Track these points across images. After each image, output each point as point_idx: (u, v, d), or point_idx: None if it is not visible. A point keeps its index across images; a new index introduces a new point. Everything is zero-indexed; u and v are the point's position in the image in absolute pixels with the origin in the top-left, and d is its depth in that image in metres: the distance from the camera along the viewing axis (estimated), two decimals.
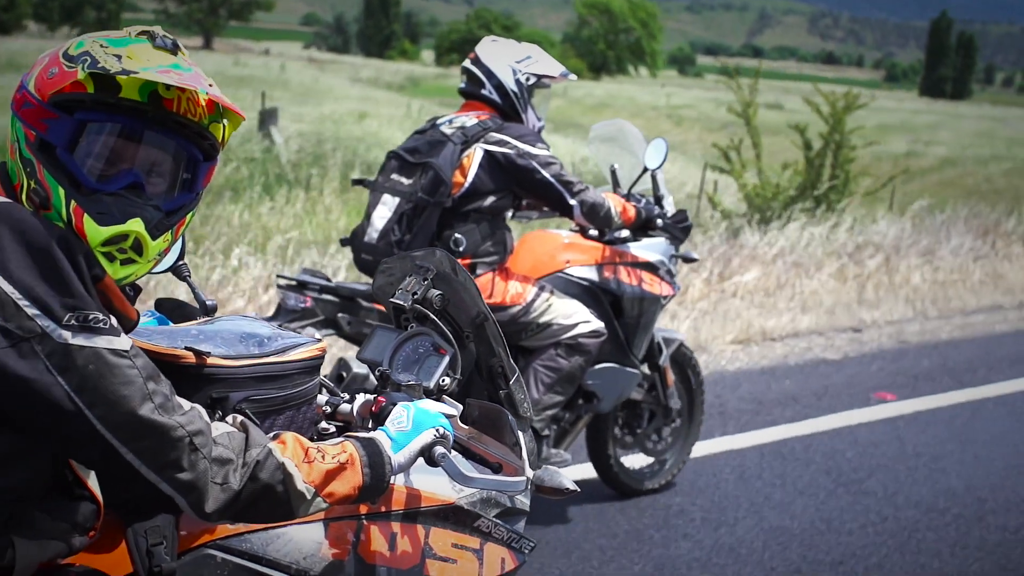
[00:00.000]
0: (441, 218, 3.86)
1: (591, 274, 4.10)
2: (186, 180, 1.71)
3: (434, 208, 3.82)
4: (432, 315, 2.07)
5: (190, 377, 1.76)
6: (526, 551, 2.11)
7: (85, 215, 1.62)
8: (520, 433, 1.93)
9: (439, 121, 4.00)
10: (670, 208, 4.27)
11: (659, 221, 4.14)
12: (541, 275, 4.03)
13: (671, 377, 4.47)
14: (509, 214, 4.04)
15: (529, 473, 1.90)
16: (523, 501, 2.15)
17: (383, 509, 1.94)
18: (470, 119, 3.94)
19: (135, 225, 1.64)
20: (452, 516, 2.01)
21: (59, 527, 1.63)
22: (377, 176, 4.00)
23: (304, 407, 1.91)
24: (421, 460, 1.85)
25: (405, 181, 3.86)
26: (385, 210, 3.87)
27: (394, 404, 1.89)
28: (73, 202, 1.62)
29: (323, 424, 2.01)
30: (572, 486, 2.04)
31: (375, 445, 1.76)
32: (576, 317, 3.92)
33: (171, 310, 2.19)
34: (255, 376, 1.83)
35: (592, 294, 4.08)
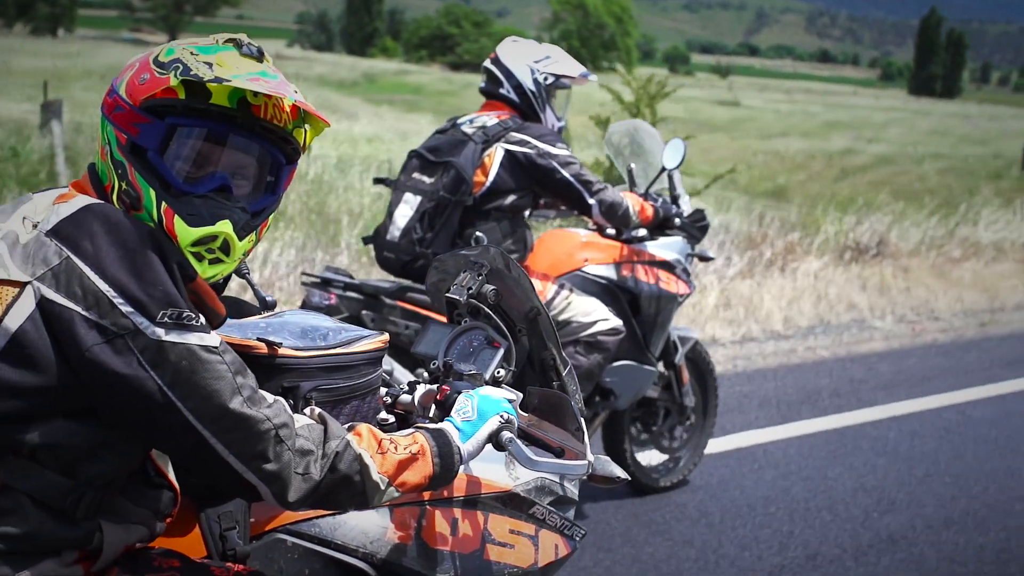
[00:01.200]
0: (463, 216, 3.96)
1: (609, 272, 4.22)
2: (270, 183, 1.80)
3: (456, 206, 3.94)
4: (486, 309, 2.15)
5: (262, 367, 1.84)
6: (577, 538, 2.21)
7: (176, 216, 1.70)
8: (582, 419, 2.03)
9: (460, 121, 4.11)
10: (687, 207, 4.38)
11: (677, 220, 4.26)
12: (560, 273, 4.15)
13: (686, 375, 4.61)
14: (527, 213, 4.17)
15: (591, 457, 1.97)
16: (572, 490, 2.24)
17: (445, 495, 2.03)
18: (491, 119, 4.05)
19: (224, 226, 1.73)
20: (509, 503, 2.10)
21: (140, 513, 1.72)
22: (399, 175, 4.12)
23: (368, 397, 2.00)
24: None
25: (427, 180, 3.98)
26: (407, 209, 3.99)
27: (459, 392, 1.97)
28: (164, 203, 1.70)
29: (382, 414, 2.09)
30: (623, 475, 2.10)
31: (444, 435, 1.83)
32: (595, 315, 4.04)
33: (229, 306, 2.31)
34: (323, 367, 1.92)
35: (610, 292, 4.20)
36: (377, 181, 4.37)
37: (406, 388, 2.16)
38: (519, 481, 2.12)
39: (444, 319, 3.84)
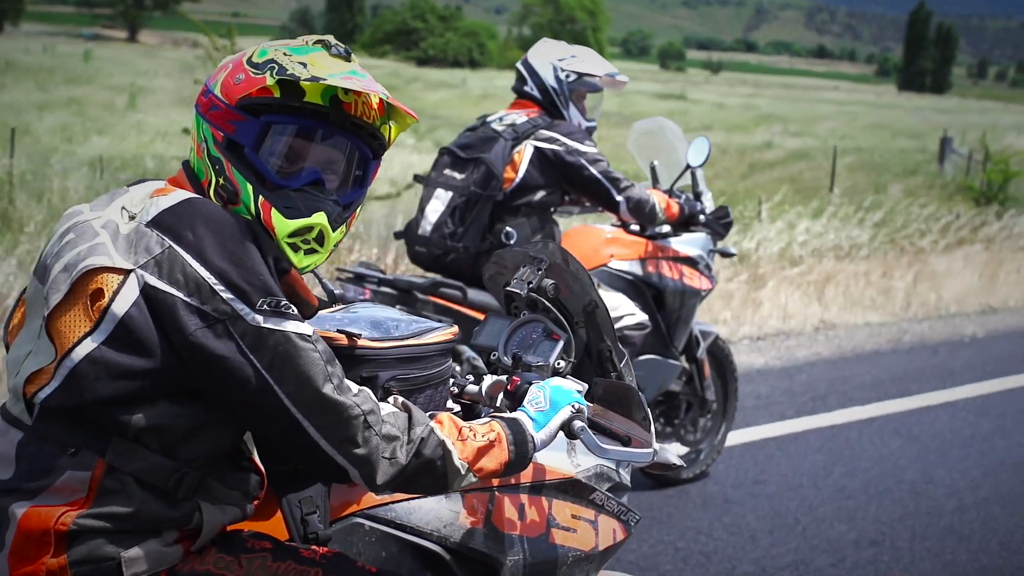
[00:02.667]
0: (493, 212, 4.07)
1: (634, 268, 4.33)
2: (358, 176, 1.90)
3: (486, 201, 4.05)
4: (545, 302, 2.24)
5: (343, 358, 1.92)
6: (632, 523, 2.30)
7: (272, 209, 1.80)
8: (648, 409, 2.11)
9: (489, 118, 4.22)
10: (709, 204, 4.49)
11: (701, 217, 4.37)
12: (586, 269, 4.25)
13: (708, 369, 4.73)
14: (554, 209, 4.30)
15: (656, 446, 2.04)
16: (626, 477, 2.34)
17: (512, 482, 2.11)
18: (520, 116, 4.16)
19: (319, 218, 1.83)
20: (571, 489, 2.19)
21: (233, 494, 1.81)
22: (430, 172, 4.23)
23: (440, 387, 2.10)
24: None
25: (458, 176, 4.11)
26: (439, 204, 4.11)
27: (529, 383, 2.06)
28: (261, 197, 1.80)
29: (449, 403, 2.17)
30: (679, 462, 2.21)
31: (518, 424, 1.92)
32: (621, 310, 4.15)
33: None
34: (399, 357, 2.02)
35: (635, 287, 4.31)
36: (417, 179, 4.50)
37: (472, 379, 2.24)
38: (580, 468, 2.22)
39: (477, 314, 4.00)
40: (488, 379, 2.21)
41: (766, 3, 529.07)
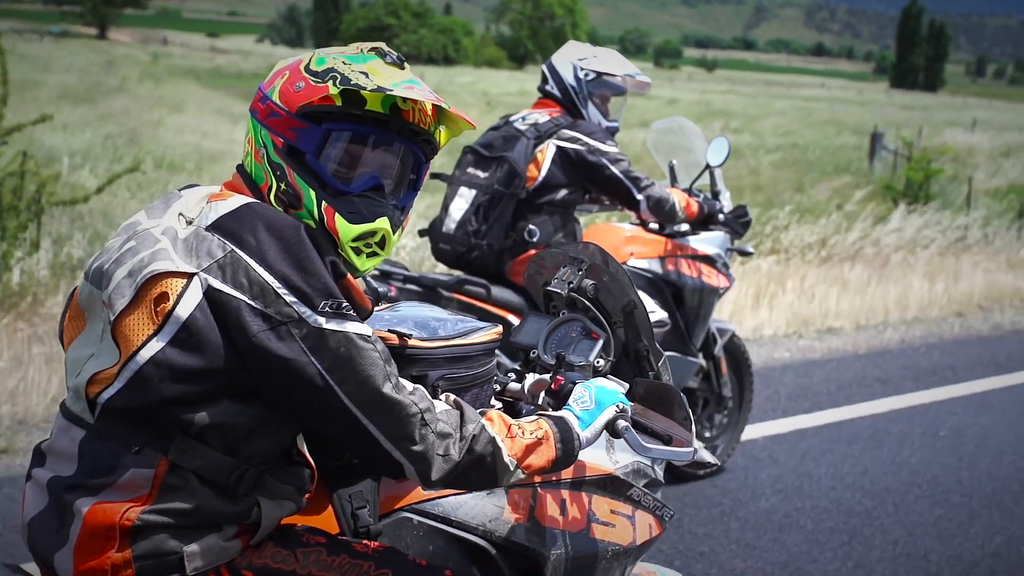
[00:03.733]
0: (516, 210, 4.11)
1: (654, 266, 4.36)
2: (412, 180, 1.94)
3: (509, 199, 4.09)
4: (585, 302, 2.28)
5: (394, 357, 1.92)
6: (667, 518, 2.34)
7: (336, 214, 1.84)
8: (689, 410, 2.14)
9: (512, 118, 4.26)
10: (727, 203, 4.52)
11: (720, 216, 4.41)
12: None
13: (725, 366, 4.76)
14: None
15: (697, 444, 2.09)
16: (661, 473, 2.37)
17: (554, 478, 2.15)
18: (542, 116, 4.20)
19: (383, 223, 1.87)
20: (610, 485, 2.23)
21: (287, 489, 1.85)
22: (454, 170, 4.26)
23: (486, 385, 2.13)
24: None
25: (481, 175, 4.14)
26: (462, 202, 4.14)
27: (573, 383, 2.10)
28: (324, 203, 1.83)
29: (492, 401, 2.21)
30: (715, 460, 2.25)
31: (565, 423, 1.95)
32: None
33: None
34: (447, 357, 2.06)
35: (655, 285, 4.34)
36: (433, 176, 4.52)
37: (514, 377, 2.28)
38: (619, 465, 2.25)
39: (501, 311, 4.02)
40: (530, 377, 2.25)
41: (766, 1, 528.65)
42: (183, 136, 18.21)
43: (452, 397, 1.93)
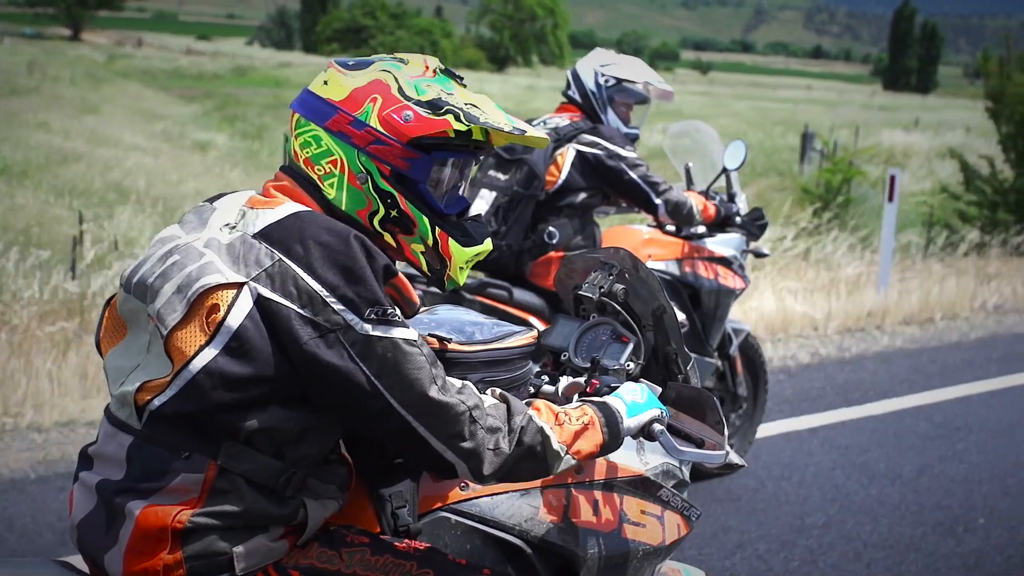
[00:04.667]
0: (536, 212, 4.15)
1: (671, 268, 4.38)
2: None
3: (528, 201, 4.12)
4: (615, 306, 2.30)
5: None
6: (694, 518, 2.36)
7: (450, 239, 1.90)
8: (722, 414, 2.15)
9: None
10: (743, 205, 4.55)
11: (737, 219, 4.44)
12: None
13: (740, 366, 4.77)
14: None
15: (728, 448, 2.10)
16: (687, 473, 2.39)
17: (586, 479, 2.17)
18: (563, 120, 4.25)
19: (488, 244, 1.96)
20: (640, 486, 2.25)
21: (329, 488, 1.87)
22: (475, 172, 4.29)
23: (522, 388, 2.15)
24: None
25: (502, 177, 4.17)
26: (482, 203, 4.17)
27: (608, 387, 2.12)
28: (438, 228, 1.89)
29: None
30: (742, 462, 2.27)
31: (608, 408, 1.99)
32: None
33: None
34: (485, 360, 2.08)
35: (673, 287, 4.36)
36: None
37: (547, 380, 2.30)
38: (649, 466, 2.27)
39: (523, 314, 4.04)
40: (564, 380, 2.27)
41: (765, 4, 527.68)
42: (51, 137, 17.92)
43: (498, 391, 1.94)
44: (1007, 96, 12.25)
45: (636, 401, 2.04)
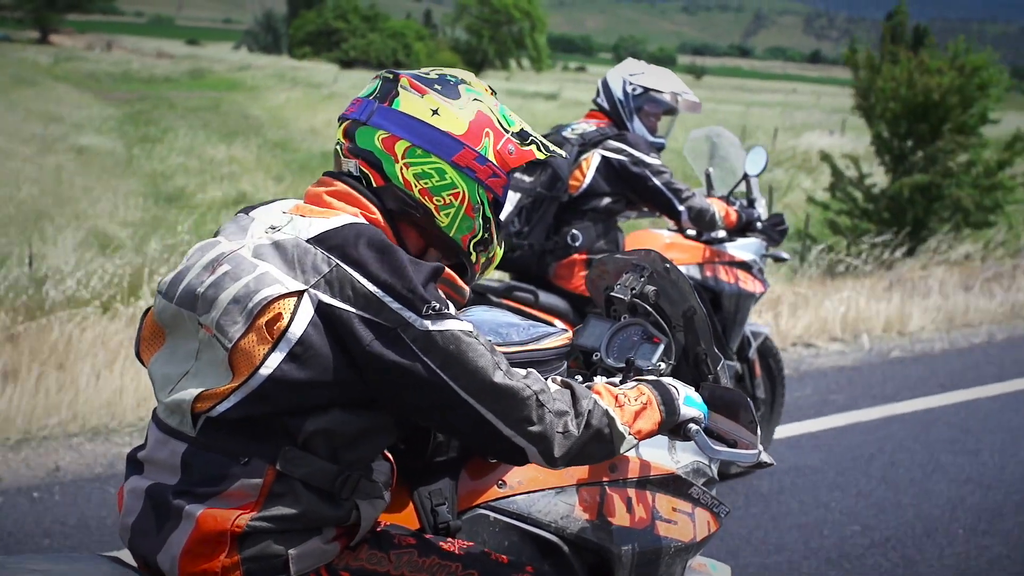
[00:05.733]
0: (560, 215, 4.18)
1: (693, 272, 4.39)
2: None
3: (551, 202, 4.15)
4: (647, 307, 2.31)
5: None
6: (723, 515, 2.37)
7: (500, 248, 2.06)
8: (755, 414, 2.16)
9: (563, 128, 4.33)
10: (763, 211, 4.56)
11: (758, 224, 4.45)
12: None
13: (759, 369, 4.78)
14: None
15: (760, 447, 2.11)
16: (715, 471, 2.39)
17: (620, 478, 2.18)
18: (590, 125, 4.28)
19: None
20: (672, 484, 2.25)
21: (376, 487, 1.88)
22: None
23: None
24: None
25: (526, 179, 4.19)
26: (507, 205, 4.19)
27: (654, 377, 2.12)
28: (498, 243, 2.03)
29: None
30: (772, 461, 2.26)
31: (663, 386, 2.02)
32: None
33: None
34: (523, 361, 2.09)
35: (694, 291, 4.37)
36: None
37: (581, 379, 2.30)
38: (680, 464, 2.28)
39: (548, 316, 4.05)
40: (599, 380, 2.25)
41: (765, 9, 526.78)
42: None
43: (560, 378, 1.95)
44: (876, 91, 11.01)
45: (690, 395, 2.06)
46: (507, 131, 1.94)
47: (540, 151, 1.97)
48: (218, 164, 17.03)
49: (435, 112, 1.90)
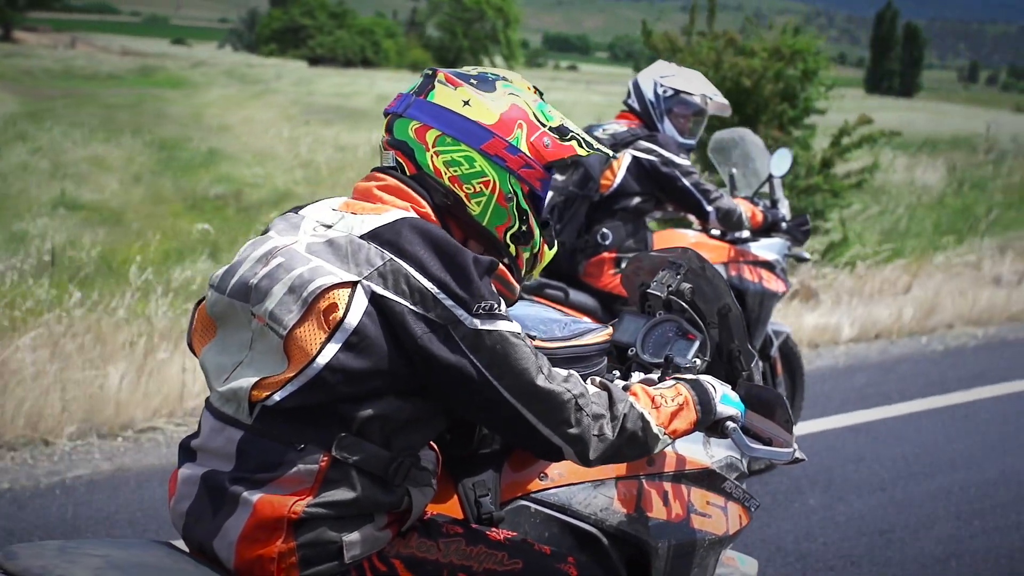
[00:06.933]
0: (591, 214, 4.20)
1: (719, 271, 4.41)
2: None
3: (582, 201, 4.18)
4: (683, 304, 2.31)
5: None
6: (753, 509, 2.37)
7: (545, 244, 2.04)
8: (791, 412, 2.17)
9: (594, 128, 4.34)
10: (786, 211, 4.58)
11: (783, 224, 4.46)
12: None
13: (780, 367, 4.79)
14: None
15: (795, 445, 2.12)
16: (746, 466, 2.40)
17: (657, 472, 2.19)
18: (621, 126, 4.31)
19: (555, 246, 2.07)
20: (706, 478, 2.27)
21: (425, 475, 1.90)
22: None
23: None
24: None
25: (559, 178, 4.22)
26: None
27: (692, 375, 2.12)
28: (541, 238, 2.02)
29: None
30: (804, 456, 2.26)
31: (701, 385, 2.03)
32: None
33: None
34: (567, 357, 2.11)
35: None
36: None
37: (618, 375, 2.31)
38: (714, 459, 2.29)
39: (577, 314, 4.07)
40: (636, 376, 2.27)
41: (764, 7, 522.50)
42: None
43: (598, 379, 1.97)
44: None
45: (727, 394, 2.07)
46: (543, 125, 1.95)
47: (582, 147, 1.96)
48: (68, 165, 15.73)
49: (466, 103, 1.92)
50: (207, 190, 14.48)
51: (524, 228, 1.97)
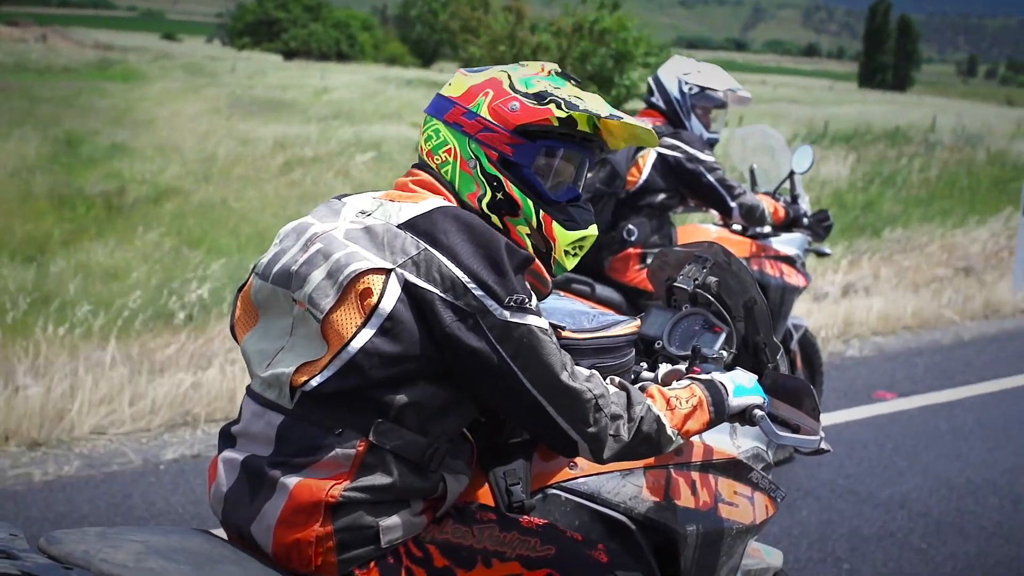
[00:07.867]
0: (617, 210, 4.20)
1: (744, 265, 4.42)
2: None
3: (609, 198, 4.19)
4: (709, 297, 2.32)
5: None
6: (779, 499, 2.37)
7: (554, 222, 1.95)
8: (818, 402, 2.16)
9: None
10: (806, 207, 4.58)
11: (805, 220, 4.47)
12: None
13: (800, 360, 4.80)
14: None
15: (822, 433, 2.12)
16: (772, 456, 2.41)
17: (685, 462, 2.20)
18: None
19: (593, 230, 2.01)
20: (733, 468, 2.27)
21: (459, 464, 1.91)
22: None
23: (625, 375, 2.18)
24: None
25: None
26: None
27: (708, 374, 2.14)
28: (542, 211, 1.95)
29: None
30: (828, 447, 2.25)
31: (715, 386, 2.04)
32: None
33: None
34: (595, 348, 2.11)
35: None
36: None
37: (646, 367, 2.32)
38: (741, 449, 2.30)
39: (603, 309, 4.09)
40: (663, 367, 2.27)
41: (763, 2, 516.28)
42: None
43: (617, 380, 1.98)
44: (470, 56, 7.66)
45: (743, 384, 2.08)
46: (517, 91, 1.92)
47: (560, 109, 1.90)
48: None
49: (450, 85, 1.98)
50: (92, 187, 14.13)
51: (500, 196, 1.94)
